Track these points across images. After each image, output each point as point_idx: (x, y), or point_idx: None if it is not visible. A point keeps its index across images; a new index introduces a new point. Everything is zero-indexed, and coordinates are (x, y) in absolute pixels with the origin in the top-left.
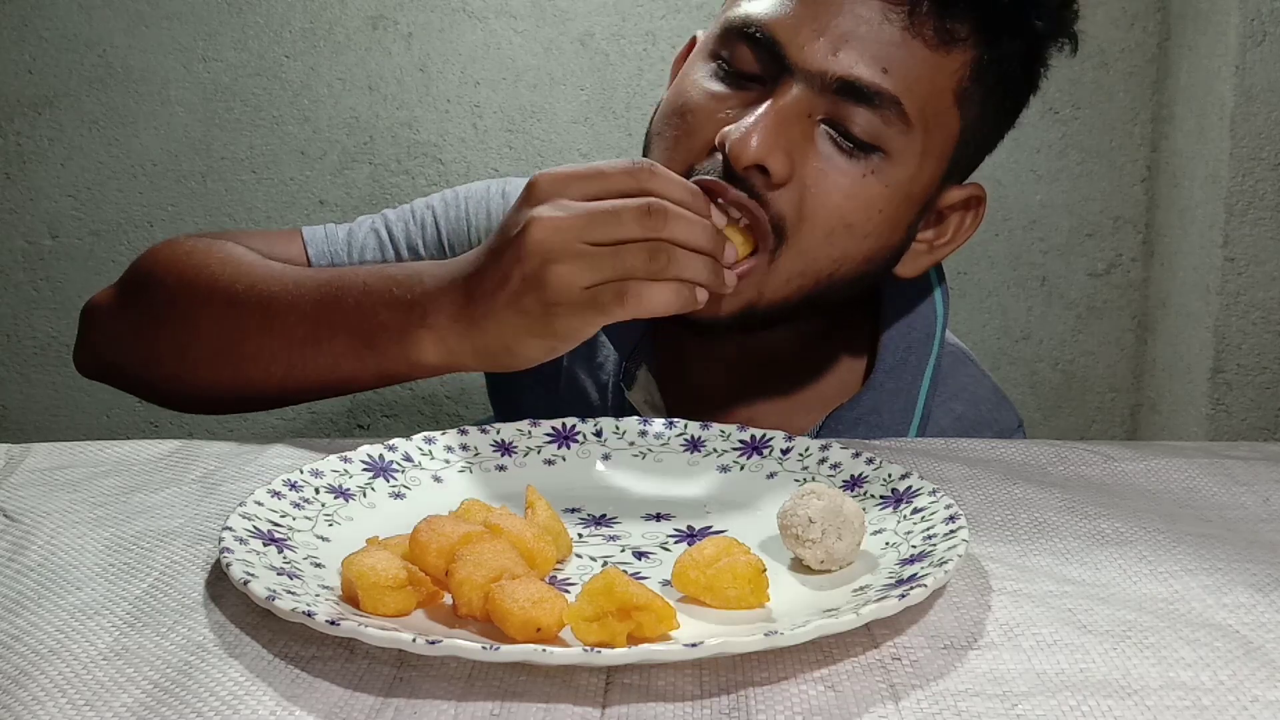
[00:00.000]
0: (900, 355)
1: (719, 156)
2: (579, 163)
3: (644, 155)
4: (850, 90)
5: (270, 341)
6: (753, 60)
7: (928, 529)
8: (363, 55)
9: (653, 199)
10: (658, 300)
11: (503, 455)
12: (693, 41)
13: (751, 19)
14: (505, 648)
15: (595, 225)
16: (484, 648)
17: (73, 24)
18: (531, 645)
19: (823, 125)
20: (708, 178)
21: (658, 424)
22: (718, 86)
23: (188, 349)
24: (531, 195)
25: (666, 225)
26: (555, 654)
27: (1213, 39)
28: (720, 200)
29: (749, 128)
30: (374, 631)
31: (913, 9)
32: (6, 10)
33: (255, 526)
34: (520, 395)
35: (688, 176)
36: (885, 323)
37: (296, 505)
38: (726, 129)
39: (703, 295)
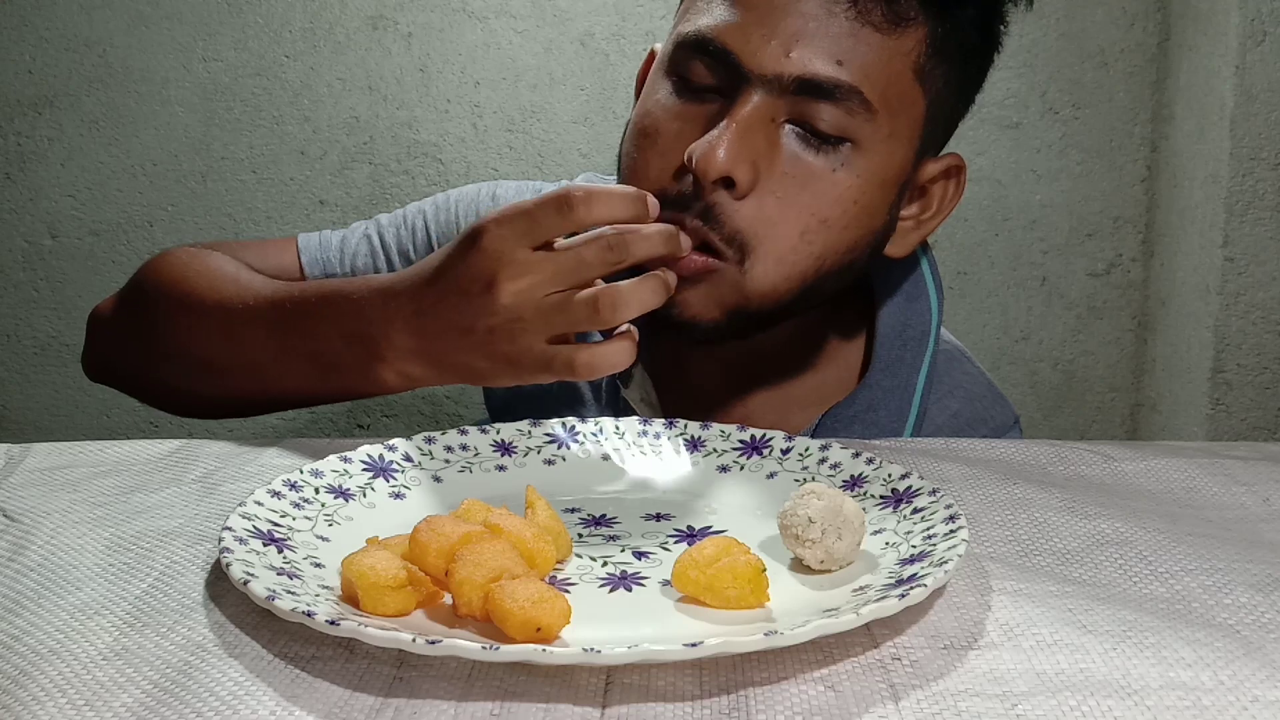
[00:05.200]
0: (896, 353)
1: (689, 175)
2: (515, 204)
3: (617, 174)
4: (809, 88)
5: (236, 357)
6: (709, 73)
7: (928, 529)
8: (363, 55)
9: (610, 234)
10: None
11: (503, 455)
12: (652, 54)
13: (702, 33)
14: (505, 648)
15: (562, 279)
16: (484, 648)
17: (73, 24)
18: (531, 645)
19: (788, 126)
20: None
21: (657, 424)
22: (679, 104)
23: (168, 359)
24: (482, 246)
25: (629, 252)
26: (555, 654)
27: (1213, 39)
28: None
29: (713, 142)
30: (374, 631)
31: None
32: (6, 10)
33: (255, 526)
34: (513, 391)
35: (660, 199)
36: (879, 315)
37: (296, 505)
38: (692, 146)
39: (672, 279)
